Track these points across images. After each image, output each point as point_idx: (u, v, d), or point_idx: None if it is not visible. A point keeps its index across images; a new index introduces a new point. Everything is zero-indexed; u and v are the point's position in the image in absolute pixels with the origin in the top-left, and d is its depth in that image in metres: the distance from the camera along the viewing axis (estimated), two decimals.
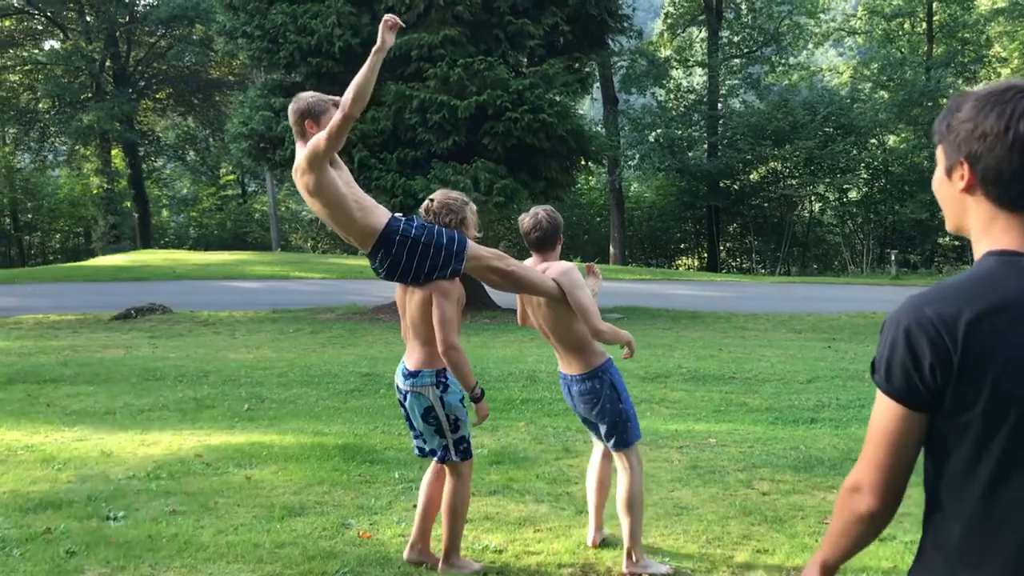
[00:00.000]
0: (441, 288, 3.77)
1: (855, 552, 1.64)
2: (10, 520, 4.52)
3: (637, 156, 31.51)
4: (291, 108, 3.78)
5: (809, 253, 34.79)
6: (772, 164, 32.80)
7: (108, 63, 35.72)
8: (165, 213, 46.10)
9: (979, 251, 1.54)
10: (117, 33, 35.41)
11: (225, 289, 20.90)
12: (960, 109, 1.53)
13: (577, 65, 16.49)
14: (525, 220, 4.10)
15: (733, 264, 35.83)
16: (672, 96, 34.06)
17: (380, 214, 3.76)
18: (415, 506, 4.79)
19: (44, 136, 38.09)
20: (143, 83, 37.49)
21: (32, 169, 41.98)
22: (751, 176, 33.79)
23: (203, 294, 19.26)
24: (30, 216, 42.01)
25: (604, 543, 4.28)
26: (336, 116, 3.55)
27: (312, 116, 3.71)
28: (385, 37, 3.58)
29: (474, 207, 3.99)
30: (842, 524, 1.61)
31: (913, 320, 1.47)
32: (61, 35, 36.28)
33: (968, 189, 1.53)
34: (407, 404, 3.88)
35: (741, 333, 14.27)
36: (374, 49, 3.55)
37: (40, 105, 37.06)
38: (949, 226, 1.63)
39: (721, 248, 34.76)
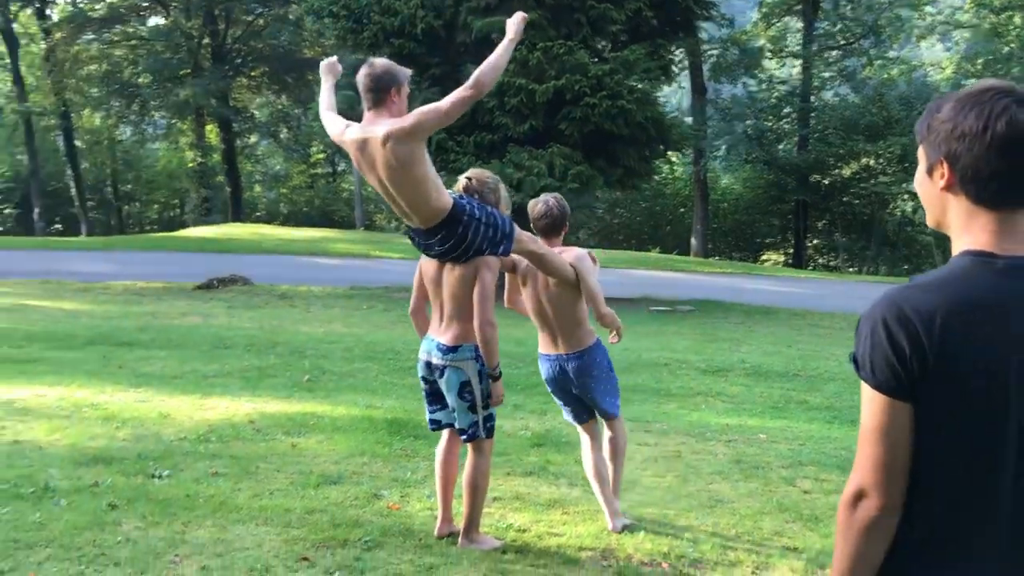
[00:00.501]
0: (489, 264, 3.82)
1: (872, 572, 1.55)
2: (63, 472, 4.73)
3: (724, 147, 30.98)
4: (372, 74, 3.68)
5: (899, 253, 33.71)
6: (864, 160, 31.86)
7: (206, 40, 36.68)
8: (258, 188, 47.27)
9: (957, 248, 1.56)
10: (216, 11, 36.31)
11: (306, 264, 21.37)
12: (940, 110, 1.57)
13: (660, 52, 16.29)
14: (536, 207, 4.27)
15: (819, 261, 34.99)
16: (764, 87, 33.33)
17: (447, 194, 3.76)
18: None
19: (144, 110, 39.39)
20: (239, 61, 38.39)
21: (132, 141, 43.51)
22: (842, 171, 32.89)
23: (285, 268, 19.72)
24: (129, 186, 43.62)
25: (626, 529, 4.26)
26: (463, 93, 3.56)
27: (397, 85, 3.71)
28: (519, 29, 3.71)
29: (504, 186, 4.03)
30: (852, 540, 1.54)
31: (891, 315, 1.49)
32: (163, 12, 37.41)
33: (948, 188, 1.56)
34: (444, 379, 3.91)
35: (815, 331, 13.96)
36: (509, 39, 3.66)
37: (141, 79, 38.31)
38: (930, 222, 1.65)
39: (808, 244, 33.96)
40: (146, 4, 37.83)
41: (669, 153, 18.69)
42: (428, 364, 3.94)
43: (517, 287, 4.30)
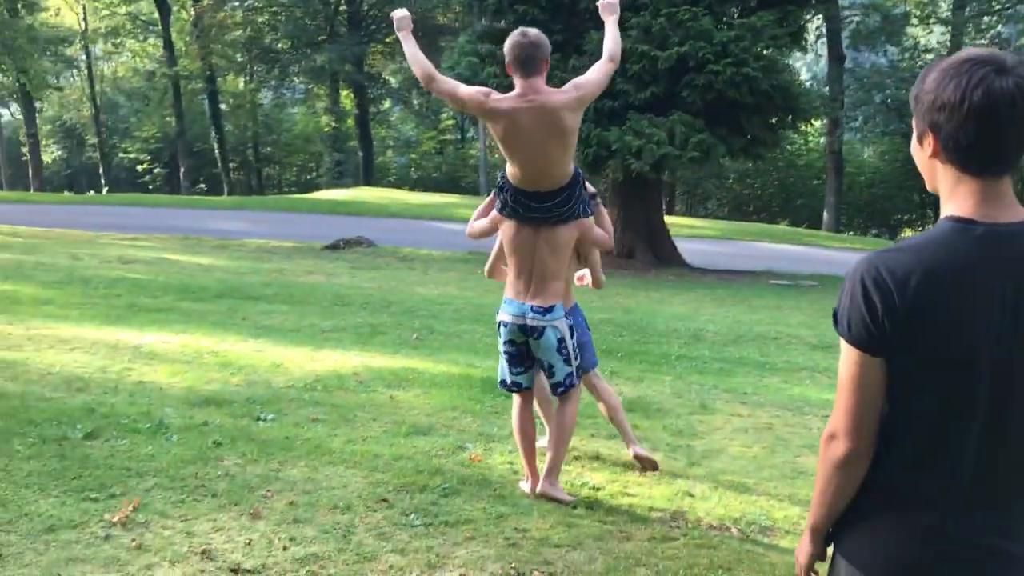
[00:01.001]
0: (587, 224, 4.09)
1: (839, 505, 1.70)
2: (178, 411, 5.11)
3: (860, 118, 29.80)
4: (530, 43, 3.77)
5: None
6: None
7: (343, 7, 37.65)
8: (390, 153, 48.42)
9: (943, 213, 1.63)
10: None
11: (430, 229, 21.86)
12: (926, 80, 1.62)
13: (791, 18, 15.78)
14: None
15: None
16: (907, 55, 31.80)
17: None
18: None
19: (284, 75, 40.84)
20: (374, 27, 39.24)
21: (272, 106, 45.21)
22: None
23: (409, 232, 20.25)
24: (269, 149, 45.41)
25: (690, 495, 4.30)
26: (609, 68, 3.90)
27: (547, 56, 3.87)
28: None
29: None
30: (824, 474, 1.69)
31: (868, 274, 1.58)
32: None
33: (935, 155, 1.63)
34: (542, 339, 4.05)
35: None
36: (613, 21, 4.00)
37: (280, 45, 39.72)
38: (928, 186, 1.71)
39: None
40: None
41: (801, 123, 18.12)
42: (522, 327, 4.07)
43: (503, 257, 4.32)
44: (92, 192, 38.64)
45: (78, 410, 4.94)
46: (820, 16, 26.33)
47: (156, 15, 39.77)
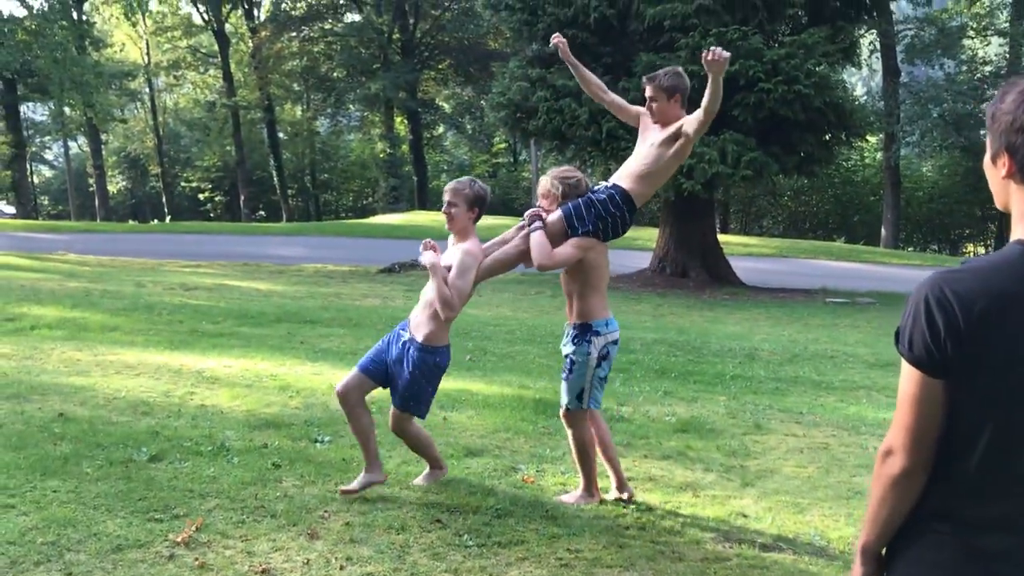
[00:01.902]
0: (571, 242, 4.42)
1: (892, 524, 1.68)
2: (238, 433, 5.25)
3: (917, 132, 29.30)
4: (675, 76, 4.34)
5: None
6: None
7: (396, 35, 38.26)
8: (444, 177, 48.89)
9: (1014, 235, 1.61)
10: (406, 6, 37.81)
11: None
12: (1004, 100, 1.61)
13: (842, 34, 15.67)
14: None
15: None
16: (964, 68, 31.21)
17: None
18: None
19: (339, 103, 41.59)
20: (426, 54, 39.81)
21: (329, 133, 46.04)
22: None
23: None
24: (326, 176, 46.21)
25: (743, 515, 4.30)
26: (702, 117, 4.11)
27: (683, 95, 4.31)
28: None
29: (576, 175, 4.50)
30: (878, 491, 1.67)
31: (932, 294, 1.56)
32: (357, 8, 39.30)
33: (1009, 176, 1.62)
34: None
35: None
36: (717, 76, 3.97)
37: (336, 74, 40.47)
38: (999, 205, 1.71)
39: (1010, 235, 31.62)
40: (342, 1, 39.88)
41: (855, 139, 17.94)
42: (616, 342, 4.40)
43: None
44: (155, 220, 39.69)
45: (143, 433, 5.11)
46: (874, 31, 26.06)
47: (216, 47, 40.87)
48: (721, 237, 18.78)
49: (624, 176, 4.32)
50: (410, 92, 36.68)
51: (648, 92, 4.29)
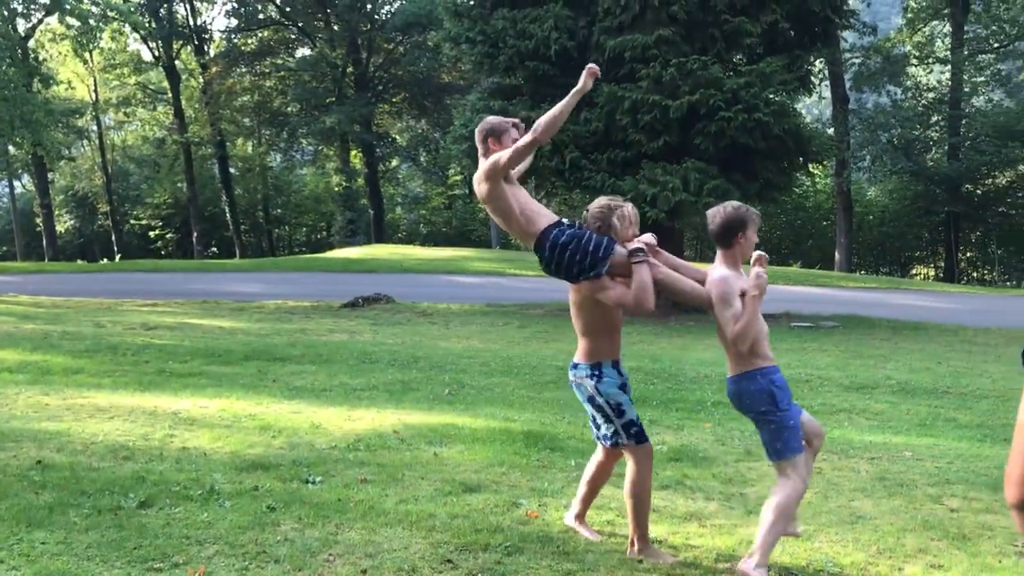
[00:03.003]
0: (597, 285, 4.00)
1: None
2: (226, 476, 5.08)
3: (868, 157, 29.96)
4: (477, 128, 4.21)
5: None
6: (1021, 167, 30.19)
7: (350, 69, 38.25)
8: (399, 210, 48.82)
9: None
10: (359, 40, 37.86)
11: (445, 283, 21.95)
12: None
13: (798, 63, 15.98)
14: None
15: (973, 275, 33.32)
16: (909, 95, 32.06)
17: (542, 222, 4.08)
18: None
19: (292, 137, 41.38)
20: (381, 87, 39.83)
21: (282, 168, 45.73)
22: (997, 180, 31.25)
23: (425, 287, 20.32)
24: (279, 211, 45.83)
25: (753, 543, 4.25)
26: (526, 138, 3.95)
27: (494, 135, 4.13)
28: (587, 82, 3.99)
29: (625, 210, 4.09)
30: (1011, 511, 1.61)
31: None
32: (310, 43, 39.26)
33: None
34: (577, 393, 4.18)
35: (967, 347, 13.34)
36: (574, 90, 3.97)
37: (289, 108, 40.29)
38: None
39: (960, 257, 32.39)
40: (294, 37, 39.81)
41: (810, 165, 18.24)
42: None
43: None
44: (105, 260, 38.96)
45: (128, 479, 4.92)
46: (822, 59, 26.66)
47: (166, 84, 40.44)
48: None
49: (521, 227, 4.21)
50: (365, 125, 36.62)
51: None
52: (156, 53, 39.91)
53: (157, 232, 42.83)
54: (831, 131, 28.08)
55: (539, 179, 17.30)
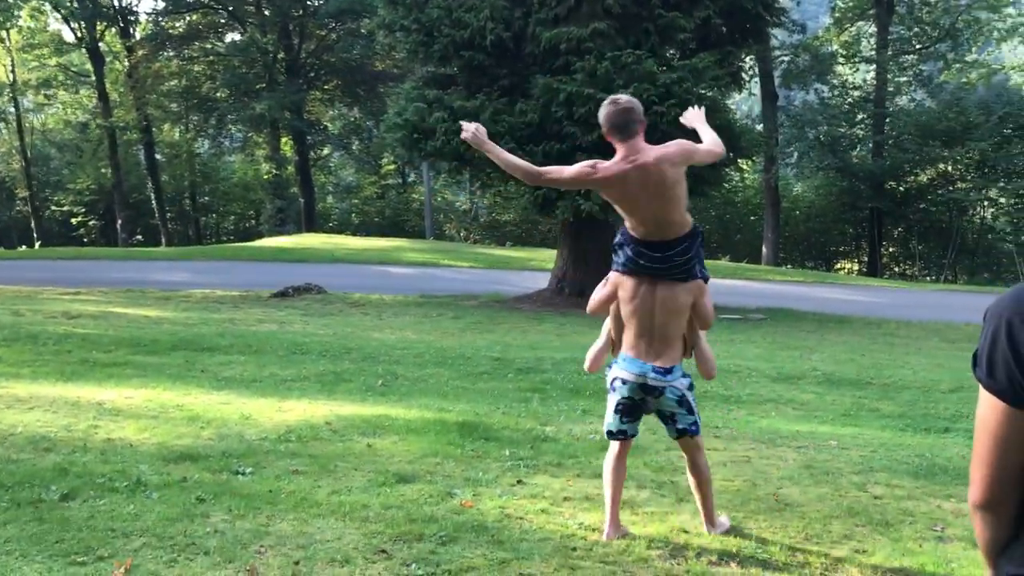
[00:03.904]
0: (704, 289, 4.24)
1: (989, 551, 1.56)
2: (153, 468, 4.97)
3: (795, 154, 30.60)
4: (627, 107, 4.04)
5: (979, 261, 32.85)
6: (941, 166, 31.18)
7: (281, 55, 37.60)
8: (330, 199, 48.20)
9: None
10: (291, 26, 37.23)
11: (378, 273, 21.76)
12: None
13: (730, 59, 16.21)
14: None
15: (895, 270, 34.30)
16: (836, 93, 32.84)
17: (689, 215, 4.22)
18: (519, 481, 5.00)
19: (221, 123, 40.53)
20: (312, 74, 39.24)
21: (210, 155, 44.77)
22: (918, 178, 32.21)
23: (357, 277, 20.11)
24: (207, 198, 44.88)
25: (684, 531, 4.31)
26: (716, 151, 4.25)
27: (642, 119, 4.13)
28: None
29: None
30: (975, 527, 1.57)
31: (1017, 314, 1.39)
32: (240, 28, 38.48)
33: None
34: (662, 398, 4.16)
35: (889, 340, 13.73)
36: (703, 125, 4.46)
37: (218, 94, 39.44)
38: None
39: (883, 252, 33.31)
40: (223, 21, 38.99)
41: (739, 161, 18.54)
42: (643, 386, 4.15)
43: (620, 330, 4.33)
44: (23, 247, 37.72)
45: (50, 471, 4.77)
46: (752, 56, 27.10)
47: (89, 66, 39.27)
48: None
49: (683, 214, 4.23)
50: (296, 112, 36.04)
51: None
52: (79, 34, 38.68)
53: (79, 219, 41.57)
54: (760, 127, 28.60)
55: (474, 170, 17.28)
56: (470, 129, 4.17)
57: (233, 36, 39.68)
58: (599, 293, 4.36)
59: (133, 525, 4.04)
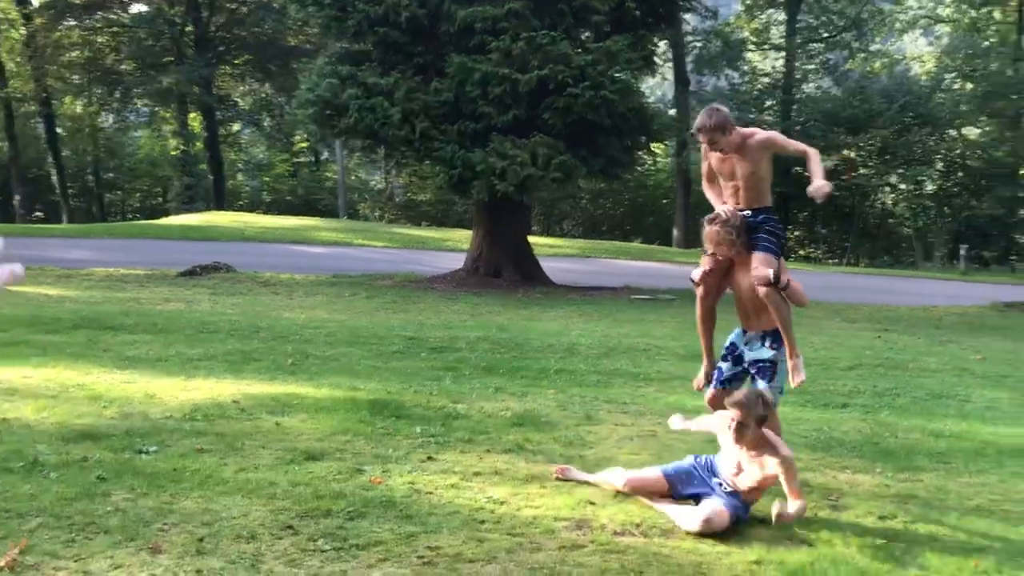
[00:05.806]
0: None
1: None
2: (51, 447, 4.83)
3: None
4: (727, 115, 4.80)
5: (879, 245, 34.08)
6: (845, 152, 32.19)
7: (189, 27, 36.51)
8: (240, 177, 47.10)
9: None
10: None
11: (290, 252, 21.43)
12: None
13: (643, 43, 16.40)
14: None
15: (801, 252, 35.33)
16: (746, 79, 33.57)
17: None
18: (430, 458, 5.02)
19: (126, 97, 39.20)
20: (222, 48, 38.22)
21: (115, 129, 43.28)
22: (823, 163, 33.13)
23: (268, 256, 19.76)
24: (111, 175, 43.38)
25: (591, 503, 4.40)
26: (809, 151, 4.88)
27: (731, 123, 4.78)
28: None
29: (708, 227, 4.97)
30: None
31: None
32: None
33: None
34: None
35: (795, 319, 14.12)
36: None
37: (123, 67, 38.12)
38: None
39: (789, 236, 34.24)
40: None
41: (652, 144, 18.80)
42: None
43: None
44: None
45: None
46: (666, 41, 27.46)
47: None
48: (529, 238, 19.16)
49: (759, 195, 4.93)
50: (205, 87, 35.09)
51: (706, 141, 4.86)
52: None
53: None
54: (673, 112, 29.04)
55: (389, 149, 17.13)
56: None
57: (139, 7, 38.34)
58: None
59: (29, 505, 3.93)
